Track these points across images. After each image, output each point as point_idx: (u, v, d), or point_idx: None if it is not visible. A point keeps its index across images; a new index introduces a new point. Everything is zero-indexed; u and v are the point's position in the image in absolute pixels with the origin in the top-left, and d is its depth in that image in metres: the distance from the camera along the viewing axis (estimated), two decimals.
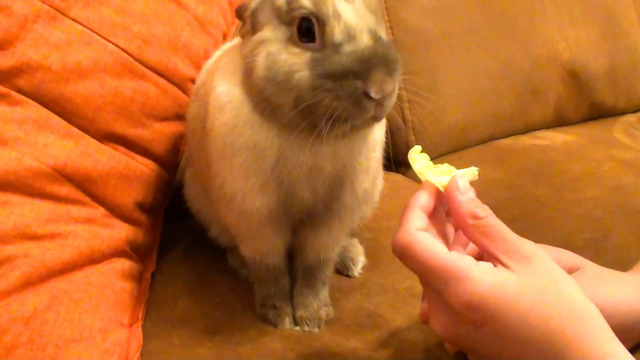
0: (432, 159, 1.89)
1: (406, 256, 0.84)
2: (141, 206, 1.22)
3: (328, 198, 1.05)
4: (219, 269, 1.31)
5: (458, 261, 0.80)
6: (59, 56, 1.10)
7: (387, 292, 1.22)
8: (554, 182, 1.71)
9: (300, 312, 1.15)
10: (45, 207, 1.05)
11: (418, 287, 1.20)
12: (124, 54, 1.18)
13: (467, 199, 0.85)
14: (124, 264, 1.15)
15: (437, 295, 0.83)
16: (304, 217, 1.09)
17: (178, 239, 1.43)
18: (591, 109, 2.26)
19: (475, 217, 0.84)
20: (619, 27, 2.27)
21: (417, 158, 0.93)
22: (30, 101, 1.08)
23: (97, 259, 1.10)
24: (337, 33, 0.87)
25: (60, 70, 1.10)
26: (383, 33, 0.90)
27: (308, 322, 1.13)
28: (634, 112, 2.36)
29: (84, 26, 1.14)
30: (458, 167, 0.91)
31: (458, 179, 0.87)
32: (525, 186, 1.71)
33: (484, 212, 0.84)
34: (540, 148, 1.98)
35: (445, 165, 0.92)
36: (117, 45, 1.17)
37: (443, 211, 0.91)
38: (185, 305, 1.19)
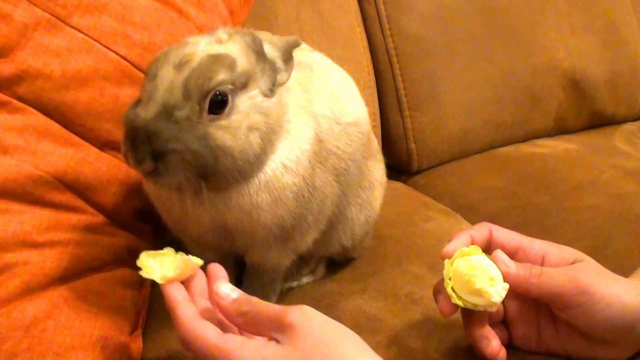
0: (433, 166, 1.91)
1: (188, 347, 0.86)
2: (142, 214, 1.22)
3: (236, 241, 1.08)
4: None
5: (224, 345, 0.82)
6: (59, 64, 1.11)
7: (387, 297, 1.21)
8: (555, 190, 1.71)
9: None
10: (45, 215, 1.05)
11: (418, 294, 1.20)
12: (125, 62, 1.18)
13: (229, 302, 0.87)
14: (125, 272, 1.14)
15: None
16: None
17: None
18: (592, 117, 2.26)
19: (243, 314, 0.85)
20: (620, 36, 2.27)
21: (145, 263, 0.94)
22: (31, 109, 1.08)
23: (98, 267, 1.10)
24: (142, 93, 0.91)
25: (61, 78, 1.10)
26: (188, 112, 0.89)
27: None
28: (635, 120, 2.36)
29: (85, 34, 1.14)
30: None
31: (218, 287, 0.88)
32: (526, 194, 1.71)
33: (247, 305, 0.86)
34: (541, 156, 1.98)
35: (167, 249, 0.95)
36: (117, 53, 1.17)
37: (199, 292, 0.94)
38: None
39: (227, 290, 0.88)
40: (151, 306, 1.20)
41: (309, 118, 1.06)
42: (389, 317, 1.15)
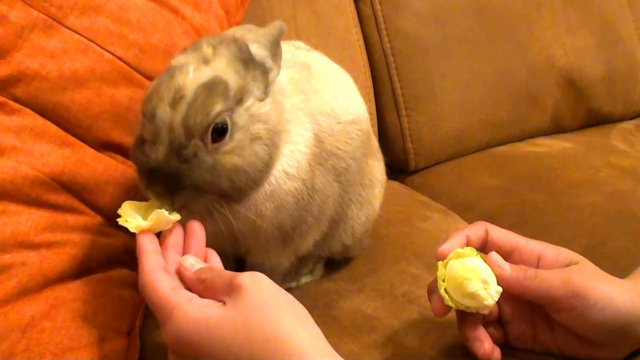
0: (429, 166, 1.91)
1: (144, 296, 0.88)
2: None
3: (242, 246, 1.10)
4: None
5: (172, 298, 0.84)
6: (55, 65, 1.10)
7: (384, 297, 1.21)
8: (552, 189, 1.71)
9: None
10: (42, 216, 1.05)
11: (416, 293, 1.20)
12: (121, 63, 1.18)
13: (192, 273, 0.89)
14: (122, 272, 1.14)
15: None
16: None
17: None
18: (588, 115, 2.26)
19: (202, 281, 0.87)
20: (616, 34, 2.27)
21: (125, 212, 0.97)
22: (27, 110, 1.08)
23: (95, 268, 1.10)
24: (145, 132, 0.93)
25: (57, 79, 1.10)
26: (193, 149, 0.91)
27: None
28: (632, 118, 2.37)
29: (81, 35, 1.14)
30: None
31: (185, 259, 0.91)
32: (523, 193, 1.71)
33: (207, 273, 0.88)
34: (538, 155, 1.98)
35: (151, 201, 0.96)
36: (113, 54, 1.17)
37: (172, 246, 0.95)
38: None
39: (192, 261, 0.91)
40: (149, 306, 1.20)
41: (306, 120, 1.06)
42: (386, 316, 1.15)
